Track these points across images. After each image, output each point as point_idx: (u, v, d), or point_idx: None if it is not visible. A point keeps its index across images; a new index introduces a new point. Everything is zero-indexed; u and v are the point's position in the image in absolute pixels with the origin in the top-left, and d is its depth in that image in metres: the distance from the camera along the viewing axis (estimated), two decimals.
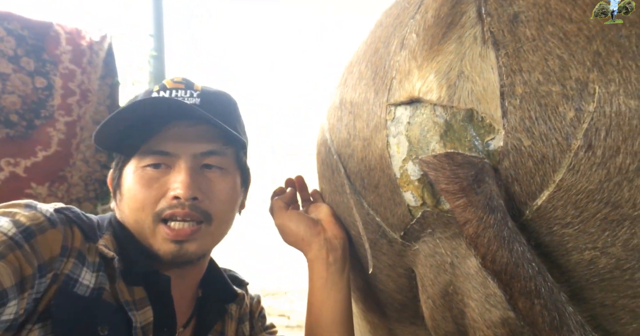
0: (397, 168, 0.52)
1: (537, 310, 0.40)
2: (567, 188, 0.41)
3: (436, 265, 0.53)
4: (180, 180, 0.56)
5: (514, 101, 0.43)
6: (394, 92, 0.52)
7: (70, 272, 0.50)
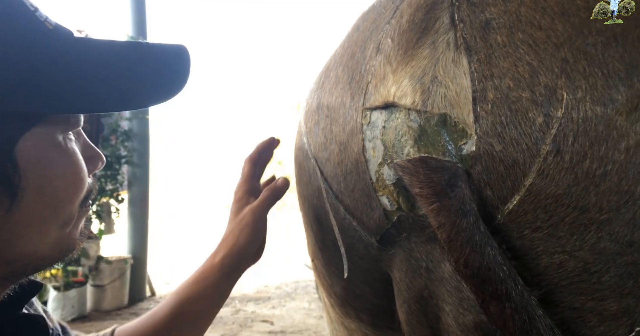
0: (373, 173, 0.52)
1: (508, 314, 0.40)
2: (536, 193, 0.42)
3: (412, 270, 0.53)
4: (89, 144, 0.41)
5: (486, 106, 0.44)
6: (370, 96, 0.52)
7: None
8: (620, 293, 0.40)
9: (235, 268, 0.58)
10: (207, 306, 0.57)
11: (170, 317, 0.56)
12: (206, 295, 0.57)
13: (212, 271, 0.57)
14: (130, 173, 3.13)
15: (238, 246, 0.58)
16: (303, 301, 3.44)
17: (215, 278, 0.57)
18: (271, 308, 3.24)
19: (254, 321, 2.98)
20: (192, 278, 0.58)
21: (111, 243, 3.37)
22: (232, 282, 0.59)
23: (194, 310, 0.56)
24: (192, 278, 0.58)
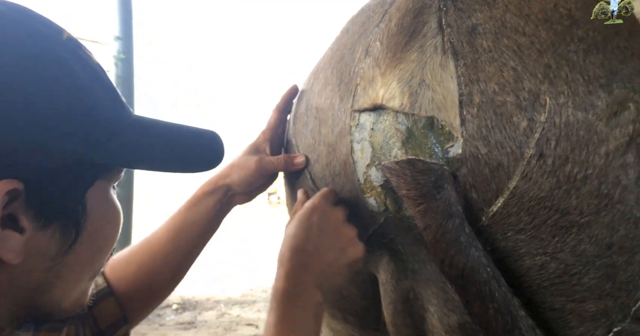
0: (360, 174, 0.52)
1: (491, 314, 0.41)
2: (520, 195, 0.43)
3: (398, 271, 0.54)
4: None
5: (472, 110, 0.45)
6: (358, 99, 0.52)
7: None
8: (599, 295, 0.41)
9: (223, 197, 0.61)
10: (200, 232, 0.60)
11: (166, 241, 0.58)
12: (198, 220, 0.59)
13: (203, 196, 0.60)
14: None
15: (230, 179, 0.61)
16: None
17: (206, 204, 0.60)
18: (256, 312, 3.22)
19: (239, 324, 2.95)
20: (186, 204, 0.60)
21: None
22: (222, 213, 0.62)
23: (187, 235, 0.59)
24: (186, 204, 0.60)
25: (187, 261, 0.61)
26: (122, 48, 2.79)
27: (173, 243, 0.58)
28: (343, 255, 0.49)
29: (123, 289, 0.57)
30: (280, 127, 0.66)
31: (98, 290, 0.56)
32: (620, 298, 0.40)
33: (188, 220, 0.59)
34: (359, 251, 0.50)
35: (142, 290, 0.57)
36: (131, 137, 0.37)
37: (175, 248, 0.58)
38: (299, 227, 0.49)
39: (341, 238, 0.49)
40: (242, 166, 0.61)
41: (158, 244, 0.59)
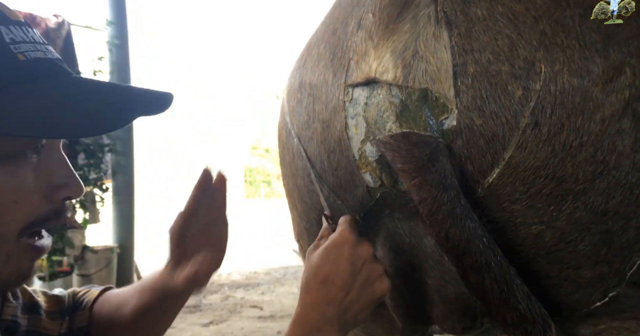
0: (355, 150, 0.52)
1: (487, 284, 0.41)
2: (515, 166, 0.43)
3: (395, 246, 0.54)
4: (69, 172, 0.40)
5: (466, 80, 0.44)
6: (352, 73, 0.51)
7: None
8: (595, 261, 0.41)
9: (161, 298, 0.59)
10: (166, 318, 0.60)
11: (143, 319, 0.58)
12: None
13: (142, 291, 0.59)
14: (114, 161, 3.08)
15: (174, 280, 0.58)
16: (292, 287, 3.47)
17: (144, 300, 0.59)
18: (260, 294, 3.27)
19: (243, 307, 3.00)
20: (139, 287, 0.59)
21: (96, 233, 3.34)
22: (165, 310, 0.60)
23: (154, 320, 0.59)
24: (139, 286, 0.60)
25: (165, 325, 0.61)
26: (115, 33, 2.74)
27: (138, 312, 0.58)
28: (371, 291, 0.48)
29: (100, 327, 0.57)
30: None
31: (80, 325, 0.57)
32: (616, 263, 0.40)
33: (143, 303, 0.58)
34: (386, 287, 0.48)
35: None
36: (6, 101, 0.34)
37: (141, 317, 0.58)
38: (328, 259, 0.48)
39: (370, 275, 0.48)
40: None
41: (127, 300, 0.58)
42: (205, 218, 0.58)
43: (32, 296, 0.56)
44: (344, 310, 0.46)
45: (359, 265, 0.47)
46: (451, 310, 0.49)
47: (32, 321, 0.52)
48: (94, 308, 0.59)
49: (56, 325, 0.54)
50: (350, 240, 0.48)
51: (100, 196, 3.00)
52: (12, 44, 0.36)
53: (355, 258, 0.48)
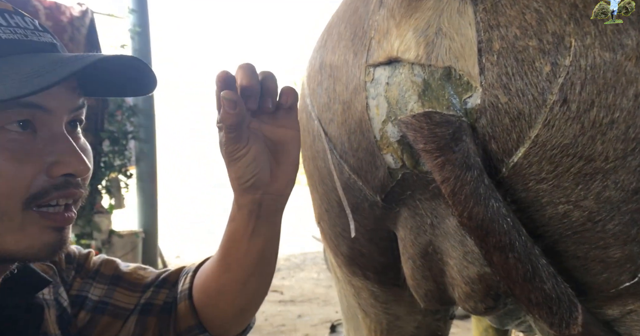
0: (376, 131, 0.52)
1: (511, 264, 0.41)
2: (542, 144, 0.42)
3: (416, 226, 0.54)
4: (68, 149, 0.40)
5: (492, 57, 0.43)
6: (373, 53, 0.51)
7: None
8: (624, 241, 0.40)
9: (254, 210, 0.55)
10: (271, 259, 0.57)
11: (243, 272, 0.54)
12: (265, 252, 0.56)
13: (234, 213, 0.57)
14: (137, 149, 3.15)
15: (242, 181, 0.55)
16: (312, 272, 3.51)
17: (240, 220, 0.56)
18: (281, 279, 3.32)
19: None
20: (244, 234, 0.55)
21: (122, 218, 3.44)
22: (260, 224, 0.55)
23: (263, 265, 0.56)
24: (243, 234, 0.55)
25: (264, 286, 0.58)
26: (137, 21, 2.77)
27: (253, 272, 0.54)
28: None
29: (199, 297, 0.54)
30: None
31: (182, 289, 0.55)
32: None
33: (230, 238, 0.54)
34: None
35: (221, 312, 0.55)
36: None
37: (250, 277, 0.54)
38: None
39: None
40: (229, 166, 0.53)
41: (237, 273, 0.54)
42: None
43: (117, 268, 0.56)
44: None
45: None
46: (474, 290, 0.48)
47: (108, 291, 0.53)
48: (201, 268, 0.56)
49: (132, 297, 0.54)
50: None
51: (125, 182, 3.08)
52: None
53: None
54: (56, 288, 0.51)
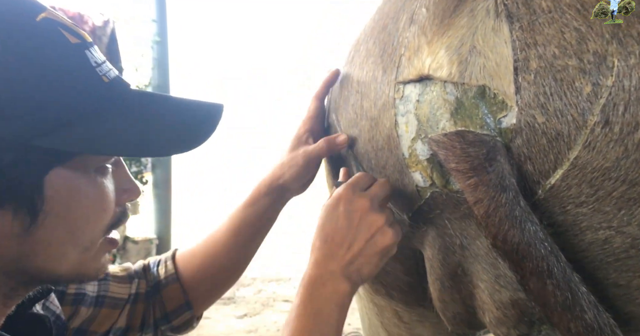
0: (405, 148, 0.51)
1: (549, 290, 0.39)
2: (582, 166, 0.40)
3: (445, 247, 0.53)
4: (129, 177, 0.44)
5: (528, 76, 0.42)
6: (403, 70, 0.50)
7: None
8: None
9: (279, 196, 0.63)
10: (257, 229, 0.63)
11: (226, 239, 0.62)
12: (255, 219, 0.62)
13: (259, 197, 0.63)
14: None
15: (283, 179, 0.62)
16: None
17: (262, 204, 0.62)
18: (292, 289, 3.30)
19: (275, 300, 3.04)
20: (242, 204, 0.64)
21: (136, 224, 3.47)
22: (278, 208, 0.64)
23: (246, 233, 0.63)
24: (242, 204, 0.64)
25: (247, 256, 0.65)
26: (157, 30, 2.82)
27: (233, 240, 0.62)
28: (372, 244, 0.48)
29: (188, 278, 0.62)
30: (320, 115, 0.65)
31: (167, 274, 0.62)
32: None
33: (246, 219, 0.62)
34: (388, 238, 0.48)
35: (206, 281, 0.62)
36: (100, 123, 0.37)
37: (235, 245, 0.62)
38: (325, 218, 0.50)
39: (369, 227, 0.48)
40: (291, 164, 0.62)
41: (219, 241, 0.63)
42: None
43: None
44: (347, 263, 0.48)
45: (356, 219, 0.49)
46: (506, 315, 0.47)
47: (102, 286, 0.57)
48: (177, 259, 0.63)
49: (124, 288, 0.59)
50: (344, 196, 0.50)
51: None
52: (97, 67, 0.38)
53: (351, 213, 0.49)
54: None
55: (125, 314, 0.58)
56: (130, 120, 0.39)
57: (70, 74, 0.36)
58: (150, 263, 0.64)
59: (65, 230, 0.37)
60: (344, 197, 0.50)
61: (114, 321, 0.57)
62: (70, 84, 0.36)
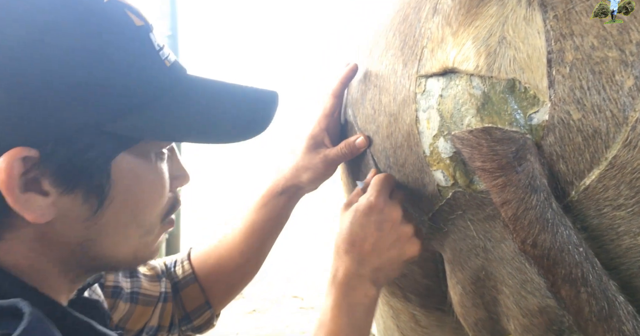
0: (426, 146, 0.48)
1: (584, 299, 0.37)
2: (621, 166, 0.37)
3: (467, 249, 0.50)
4: (180, 163, 0.44)
5: (563, 69, 0.39)
6: (425, 63, 0.47)
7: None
8: None
9: (293, 195, 0.62)
10: (270, 229, 0.63)
11: (240, 240, 0.62)
12: (268, 220, 0.62)
13: (273, 198, 0.62)
14: None
15: (299, 181, 0.61)
16: None
17: (275, 204, 0.62)
18: (301, 285, 3.29)
19: (285, 297, 3.04)
20: (255, 205, 0.63)
21: None
22: (292, 207, 0.64)
23: (259, 233, 0.62)
24: (255, 205, 0.63)
25: (262, 255, 0.65)
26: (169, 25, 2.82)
27: (248, 242, 0.62)
28: (400, 253, 0.50)
29: (204, 278, 0.62)
30: (337, 113, 0.63)
31: (185, 275, 0.62)
32: None
33: (260, 220, 0.62)
34: (416, 249, 0.50)
35: (222, 280, 0.62)
36: (164, 108, 0.37)
37: (250, 246, 0.62)
38: (356, 224, 0.50)
39: (399, 237, 0.50)
40: (307, 167, 0.60)
41: (234, 242, 0.62)
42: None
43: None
44: (376, 270, 0.49)
45: (387, 229, 0.49)
46: (533, 323, 0.44)
47: (135, 283, 0.57)
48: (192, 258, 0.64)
49: (155, 286, 0.59)
50: (377, 206, 0.49)
51: None
52: (159, 50, 0.38)
53: (382, 223, 0.49)
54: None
55: (157, 313, 0.58)
56: (192, 106, 0.39)
57: (137, 58, 0.36)
58: (167, 263, 0.64)
59: (129, 214, 0.38)
60: (375, 206, 0.49)
61: (147, 319, 0.57)
62: (137, 68, 0.36)
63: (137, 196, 0.38)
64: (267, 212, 0.62)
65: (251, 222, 0.62)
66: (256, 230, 0.62)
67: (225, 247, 0.63)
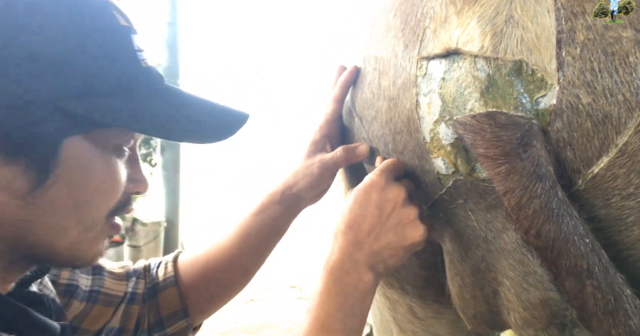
0: (426, 132, 0.46)
1: (589, 292, 0.35)
2: (631, 154, 0.35)
3: (467, 240, 0.48)
4: (141, 170, 0.43)
5: (574, 50, 0.37)
6: (427, 44, 0.45)
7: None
8: None
9: (291, 205, 0.59)
10: (266, 238, 0.59)
11: (231, 245, 0.59)
12: (264, 227, 0.59)
13: (271, 204, 0.59)
14: None
15: (297, 188, 0.58)
16: None
17: (272, 212, 0.59)
18: (299, 275, 3.30)
19: (282, 287, 3.04)
20: (251, 211, 0.60)
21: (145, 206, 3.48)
22: (290, 218, 0.60)
23: (253, 240, 0.59)
24: (252, 210, 0.60)
25: (254, 265, 0.61)
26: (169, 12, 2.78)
27: (239, 247, 0.59)
28: (401, 237, 0.46)
29: (187, 284, 0.58)
30: (337, 119, 0.60)
31: (166, 277, 0.58)
32: None
33: (253, 227, 0.59)
34: (419, 234, 0.46)
35: (207, 288, 0.58)
36: (131, 100, 0.38)
37: (241, 252, 0.59)
38: (355, 203, 0.47)
39: (401, 220, 0.46)
40: (305, 172, 0.58)
41: (224, 247, 0.59)
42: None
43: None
44: (373, 254, 0.46)
45: (388, 209, 0.46)
46: (535, 316, 0.43)
47: (96, 281, 0.55)
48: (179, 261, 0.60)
49: (120, 286, 0.56)
50: (378, 184, 0.47)
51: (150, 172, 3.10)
52: (138, 51, 0.39)
53: (384, 202, 0.46)
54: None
55: (119, 314, 0.55)
56: (160, 103, 0.39)
57: (112, 48, 0.37)
58: (151, 264, 0.61)
59: (71, 202, 0.37)
60: (377, 184, 0.47)
61: (107, 320, 0.54)
62: (109, 57, 0.37)
63: (84, 184, 0.37)
64: (262, 220, 0.58)
65: (244, 229, 0.59)
66: (250, 235, 0.58)
67: (213, 253, 0.59)
